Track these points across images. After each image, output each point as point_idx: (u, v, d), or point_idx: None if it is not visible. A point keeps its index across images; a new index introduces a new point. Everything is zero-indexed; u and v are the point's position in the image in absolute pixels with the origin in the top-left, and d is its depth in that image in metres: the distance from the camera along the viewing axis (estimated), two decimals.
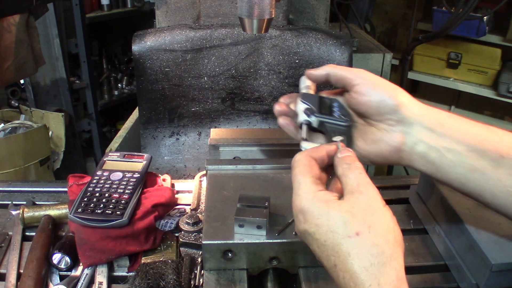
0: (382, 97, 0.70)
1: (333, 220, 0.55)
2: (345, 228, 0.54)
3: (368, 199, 0.57)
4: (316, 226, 0.56)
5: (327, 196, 0.58)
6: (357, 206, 0.55)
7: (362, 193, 0.57)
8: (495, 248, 0.78)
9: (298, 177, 0.59)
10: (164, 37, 1.38)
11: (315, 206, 0.57)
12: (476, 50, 3.01)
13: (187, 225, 0.89)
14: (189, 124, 1.45)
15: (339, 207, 0.56)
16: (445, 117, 0.69)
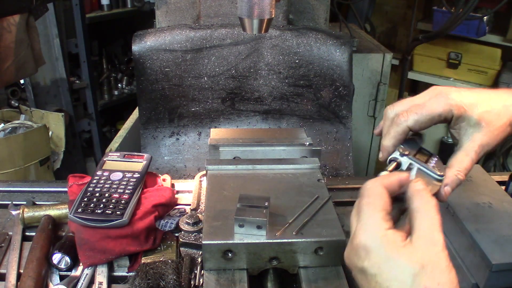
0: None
1: (401, 269, 0.52)
2: (413, 281, 0.51)
3: (439, 252, 0.53)
4: (379, 269, 0.53)
5: (397, 238, 0.54)
6: (428, 258, 0.52)
7: (435, 244, 0.53)
8: (495, 248, 0.78)
9: (368, 209, 0.55)
10: (164, 37, 1.38)
11: (383, 248, 0.53)
12: (476, 50, 3.01)
13: (187, 225, 0.89)
14: (189, 124, 1.45)
15: (409, 256, 0.52)
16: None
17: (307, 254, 0.76)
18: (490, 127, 0.69)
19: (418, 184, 0.56)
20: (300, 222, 0.78)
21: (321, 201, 0.84)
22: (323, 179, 0.92)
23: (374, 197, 0.55)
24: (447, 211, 0.90)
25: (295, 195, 0.86)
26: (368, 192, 0.56)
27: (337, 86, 1.42)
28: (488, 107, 0.70)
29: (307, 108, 1.45)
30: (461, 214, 0.86)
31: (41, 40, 2.09)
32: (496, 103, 0.70)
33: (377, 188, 0.56)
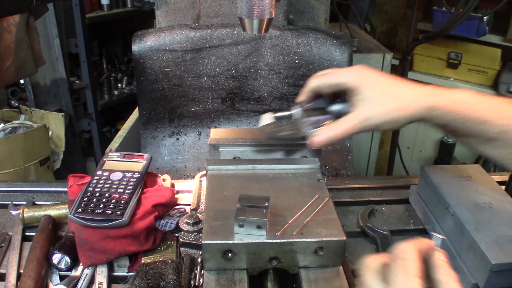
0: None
1: None
2: None
3: None
4: None
5: None
6: None
7: None
8: (495, 248, 0.78)
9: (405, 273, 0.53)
10: (164, 37, 1.38)
11: None
12: (476, 50, 3.00)
13: (187, 225, 0.89)
14: (189, 124, 1.45)
15: None
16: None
17: (307, 254, 0.76)
18: (378, 106, 0.79)
19: (441, 255, 0.57)
20: (300, 222, 0.78)
21: (321, 201, 0.84)
22: (323, 179, 0.92)
23: (411, 261, 0.54)
24: (447, 211, 0.90)
25: (295, 195, 0.86)
26: (403, 254, 0.55)
27: None
28: (385, 90, 0.80)
29: None
30: (461, 214, 0.86)
31: (41, 40, 2.09)
32: (394, 90, 0.80)
33: (412, 252, 0.55)
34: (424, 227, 1.00)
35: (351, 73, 0.82)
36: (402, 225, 1.02)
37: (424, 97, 0.79)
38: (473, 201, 0.89)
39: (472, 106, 0.77)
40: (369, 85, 0.80)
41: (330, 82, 0.84)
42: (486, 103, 0.77)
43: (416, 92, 0.80)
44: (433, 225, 0.95)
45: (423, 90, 0.81)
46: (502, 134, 0.76)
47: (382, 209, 1.06)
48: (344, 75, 0.83)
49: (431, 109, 0.78)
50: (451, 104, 0.77)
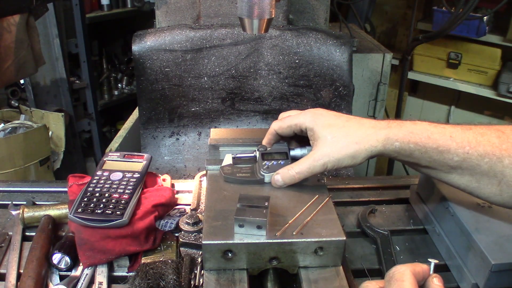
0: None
1: None
2: None
3: None
4: None
5: None
6: None
7: None
8: (495, 248, 0.78)
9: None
10: (164, 37, 1.38)
11: None
12: (476, 50, 3.00)
13: (187, 225, 0.89)
14: (189, 124, 1.45)
15: None
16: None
17: (307, 254, 0.76)
18: (335, 142, 0.81)
19: (436, 280, 0.58)
20: (300, 222, 0.78)
21: (321, 201, 0.84)
22: (323, 179, 0.92)
23: (407, 283, 0.55)
24: (447, 211, 0.90)
25: (295, 195, 0.86)
26: (401, 276, 0.56)
27: (337, 86, 1.42)
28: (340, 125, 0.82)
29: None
30: (461, 214, 0.86)
31: (41, 40, 2.09)
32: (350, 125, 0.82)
33: (409, 275, 0.56)
34: (424, 227, 1.00)
35: (307, 115, 0.86)
36: (402, 225, 1.02)
37: (381, 130, 0.79)
38: (473, 201, 0.89)
39: (431, 135, 0.77)
40: (324, 124, 0.83)
41: (288, 123, 0.88)
42: (445, 132, 0.77)
43: (373, 126, 0.81)
44: (433, 225, 0.95)
45: (380, 124, 0.81)
46: (464, 162, 0.76)
47: (382, 209, 1.06)
48: (301, 117, 0.86)
49: (390, 141, 0.78)
50: (409, 135, 0.78)
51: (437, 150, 0.77)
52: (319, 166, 0.82)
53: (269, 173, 0.89)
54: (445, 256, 0.91)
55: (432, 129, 0.78)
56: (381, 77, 2.19)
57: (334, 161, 0.81)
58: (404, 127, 0.79)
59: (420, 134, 0.77)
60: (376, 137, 0.79)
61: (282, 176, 0.86)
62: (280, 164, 0.90)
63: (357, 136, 0.80)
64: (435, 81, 3.22)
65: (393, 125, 0.80)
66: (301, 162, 0.84)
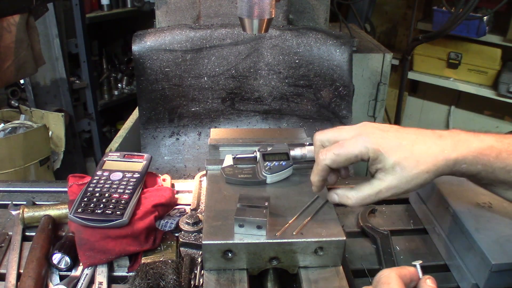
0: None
1: None
2: None
3: None
4: None
5: None
6: None
7: None
8: (495, 248, 0.78)
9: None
10: (164, 37, 1.38)
11: None
12: (476, 50, 3.01)
13: (187, 225, 0.89)
14: (189, 124, 1.45)
15: None
16: None
17: (307, 254, 0.76)
18: (404, 173, 0.71)
19: (430, 281, 0.58)
20: (300, 222, 0.78)
21: (321, 201, 0.84)
22: None
23: (394, 285, 0.56)
24: (447, 211, 0.90)
25: (295, 195, 0.86)
26: (387, 279, 0.56)
27: (337, 86, 1.42)
28: (408, 153, 0.72)
29: (307, 108, 1.45)
30: (461, 214, 0.86)
31: (41, 40, 2.09)
32: (418, 151, 0.72)
33: (395, 278, 0.56)
34: (424, 227, 1.00)
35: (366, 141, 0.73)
36: (402, 225, 1.02)
37: (450, 152, 0.72)
38: (473, 201, 0.89)
39: (499, 154, 0.72)
40: (390, 149, 0.72)
41: (346, 155, 0.74)
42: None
43: (441, 147, 0.72)
44: (433, 225, 0.95)
45: (446, 143, 0.73)
46: None
47: (382, 209, 1.06)
48: (359, 145, 0.73)
49: (459, 163, 0.72)
50: (477, 155, 0.72)
51: (504, 169, 0.73)
52: (384, 197, 0.74)
53: (271, 174, 0.88)
54: (445, 256, 0.91)
55: (499, 147, 0.73)
56: (381, 77, 2.19)
57: (402, 192, 0.74)
58: (472, 145, 0.73)
59: (489, 154, 0.72)
60: (446, 163, 0.72)
61: (340, 199, 0.78)
62: (282, 165, 0.89)
63: (427, 164, 0.71)
64: (435, 81, 3.22)
65: (459, 143, 0.73)
66: (365, 190, 0.75)
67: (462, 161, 0.72)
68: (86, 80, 3.01)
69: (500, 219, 0.85)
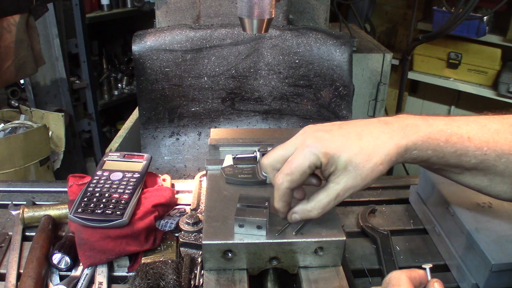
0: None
1: None
2: None
3: None
4: None
5: None
6: None
7: None
8: (495, 248, 0.78)
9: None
10: (164, 37, 1.38)
11: None
12: (476, 50, 3.01)
13: (187, 225, 0.89)
14: (189, 124, 1.45)
15: None
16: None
17: (307, 254, 0.76)
18: (358, 171, 0.70)
19: (437, 284, 0.58)
20: (300, 222, 0.78)
21: None
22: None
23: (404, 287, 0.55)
24: (447, 211, 0.90)
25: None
26: (397, 281, 0.56)
27: (337, 86, 1.42)
28: (357, 148, 0.70)
29: (307, 108, 1.45)
30: (461, 214, 0.86)
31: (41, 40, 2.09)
32: (366, 144, 0.70)
33: (405, 279, 0.56)
34: (424, 227, 1.00)
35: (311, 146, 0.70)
36: (402, 225, 1.02)
37: (399, 139, 0.70)
38: (473, 201, 0.89)
39: (449, 138, 0.71)
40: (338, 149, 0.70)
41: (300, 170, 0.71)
42: (462, 134, 0.72)
43: (389, 135, 0.71)
44: (433, 225, 0.95)
45: (394, 130, 0.71)
46: (481, 164, 0.72)
47: (382, 209, 1.06)
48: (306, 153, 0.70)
49: (410, 150, 0.71)
50: (427, 141, 0.71)
51: (455, 154, 0.71)
52: (342, 199, 0.72)
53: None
54: (445, 256, 0.91)
55: (449, 130, 0.72)
56: (381, 77, 2.19)
57: (360, 189, 0.72)
58: (421, 131, 0.71)
59: (438, 138, 0.71)
60: (397, 151, 0.70)
61: (301, 215, 0.75)
62: None
63: (379, 155, 0.70)
64: (435, 81, 3.22)
65: (407, 129, 0.71)
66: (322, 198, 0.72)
67: (412, 147, 0.70)
68: (86, 80, 3.01)
69: (500, 219, 0.85)
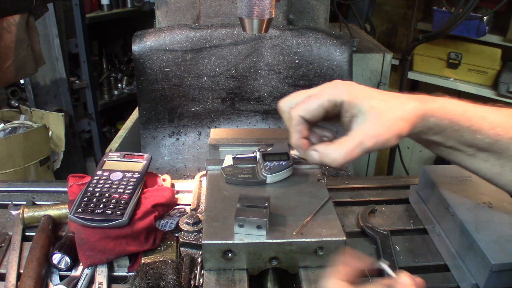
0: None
1: None
2: None
3: None
4: None
5: None
6: None
7: None
8: (495, 248, 0.78)
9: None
10: (164, 37, 1.38)
11: None
12: (476, 50, 3.00)
13: (187, 225, 0.89)
14: (189, 124, 1.45)
15: None
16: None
17: (307, 254, 0.76)
18: (382, 118, 0.68)
19: (405, 278, 0.56)
20: (300, 222, 0.78)
21: (321, 201, 0.84)
22: (323, 179, 0.92)
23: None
24: (447, 211, 0.90)
25: (295, 195, 0.86)
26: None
27: None
28: (379, 99, 0.69)
29: None
30: (461, 214, 0.86)
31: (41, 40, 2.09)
32: (389, 98, 0.70)
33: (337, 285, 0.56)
34: (424, 227, 1.00)
35: (338, 87, 0.71)
36: (402, 225, 1.02)
37: (420, 104, 0.70)
38: (473, 201, 0.89)
39: (465, 113, 0.71)
40: (365, 95, 0.69)
41: (318, 102, 0.71)
42: (477, 112, 0.72)
43: (408, 99, 0.71)
44: (433, 225, 0.95)
45: (415, 98, 0.72)
46: (494, 145, 0.71)
47: (382, 209, 1.06)
48: (329, 90, 0.71)
49: (429, 116, 0.70)
50: (444, 110, 0.71)
51: (469, 129, 0.70)
52: (367, 148, 0.68)
53: (271, 174, 0.88)
54: (445, 256, 0.91)
55: (465, 106, 0.72)
56: (381, 77, 2.19)
57: (383, 142, 0.67)
58: (438, 101, 0.71)
59: (454, 110, 0.71)
60: (416, 112, 0.68)
61: (320, 156, 0.71)
62: (282, 165, 0.90)
63: (401, 110, 0.68)
64: (435, 81, 3.22)
65: (426, 99, 0.71)
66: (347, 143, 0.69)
67: (430, 112, 0.70)
68: (86, 80, 3.01)
69: (500, 219, 0.85)
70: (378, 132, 0.67)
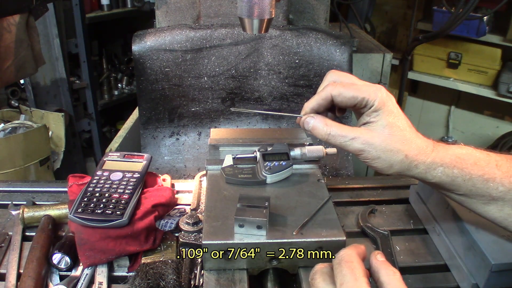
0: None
1: None
2: None
3: None
4: None
5: None
6: None
7: None
8: (495, 248, 0.78)
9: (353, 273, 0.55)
10: (164, 37, 1.38)
11: None
12: (476, 50, 3.01)
13: (187, 225, 0.89)
14: (189, 124, 1.45)
15: None
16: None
17: (307, 254, 0.76)
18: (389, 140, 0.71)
19: (380, 256, 0.59)
20: (300, 222, 0.78)
21: (321, 201, 0.84)
22: (323, 179, 0.92)
23: (356, 263, 0.57)
24: (447, 211, 0.90)
25: (295, 195, 0.86)
26: (348, 257, 0.57)
27: None
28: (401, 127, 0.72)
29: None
30: (461, 214, 0.86)
31: (41, 40, 2.09)
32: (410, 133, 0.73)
33: (355, 256, 0.58)
34: (424, 227, 1.00)
35: (376, 92, 0.73)
36: (402, 225, 1.02)
37: (429, 151, 0.72)
38: None
39: (478, 162, 0.72)
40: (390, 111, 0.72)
41: (354, 93, 0.73)
42: (491, 160, 0.72)
43: (425, 143, 0.73)
44: (433, 225, 0.95)
45: (429, 143, 0.74)
46: (508, 194, 0.72)
47: (382, 209, 1.06)
48: (367, 91, 0.73)
49: (434, 165, 0.72)
50: (455, 159, 0.72)
51: (482, 178, 0.72)
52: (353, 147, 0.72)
53: (271, 174, 0.89)
54: (445, 256, 0.91)
55: (478, 155, 0.73)
56: (381, 77, 2.19)
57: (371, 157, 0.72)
58: (451, 150, 0.73)
59: (467, 159, 0.72)
60: (424, 158, 0.72)
61: (314, 126, 0.75)
62: (282, 165, 0.90)
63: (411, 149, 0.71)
64: (435, 81, 3.22)
65: (439, 147, 0.73)
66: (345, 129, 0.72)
67: (438, 162, 0.72)
68: (86, 80, 3.01)
69: None
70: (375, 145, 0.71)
